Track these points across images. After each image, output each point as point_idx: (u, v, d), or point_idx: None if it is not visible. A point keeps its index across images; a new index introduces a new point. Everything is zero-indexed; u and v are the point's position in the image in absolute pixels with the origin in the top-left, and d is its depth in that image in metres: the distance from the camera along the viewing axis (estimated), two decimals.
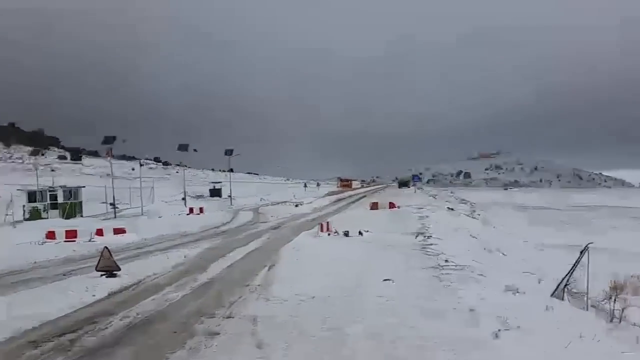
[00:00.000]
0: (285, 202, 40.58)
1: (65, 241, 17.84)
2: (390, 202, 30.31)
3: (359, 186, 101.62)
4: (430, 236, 16.07)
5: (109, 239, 17.84)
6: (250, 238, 18.21)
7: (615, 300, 8.58)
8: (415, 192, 57.23)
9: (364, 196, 55.43)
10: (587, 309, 8.63)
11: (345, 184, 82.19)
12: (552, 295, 9.01)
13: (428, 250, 13.59)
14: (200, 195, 57.67)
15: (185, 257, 14.00)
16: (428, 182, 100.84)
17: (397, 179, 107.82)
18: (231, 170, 67.22)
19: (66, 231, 18.44)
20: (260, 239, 18.03)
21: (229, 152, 48.19)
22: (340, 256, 12.74)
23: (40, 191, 28.48)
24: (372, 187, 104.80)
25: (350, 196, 55.47)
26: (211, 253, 14.80)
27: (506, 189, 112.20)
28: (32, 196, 28.15)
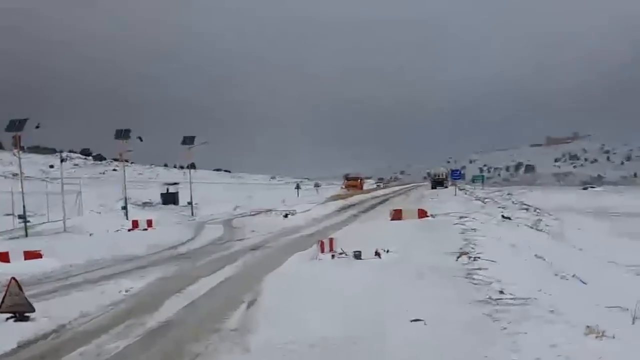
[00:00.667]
0: (271, 210, 40.66)
1: None
2: (420, 210, 30.44)
3: (374, 186, 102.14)
4: (478, 257, 16.11)
5: (18, 267, 17.80)
6: (220, 263, 18.27)
7: None
8: (455, 193, 57.38)
9: (384, 201, 55.59)
10: None
11: (353, 183, 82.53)
12: None
13: (475, 276, 13.61)
14: (149, 203, 57.81)
15: (127, 291, 14.02)
16: (474, 179, 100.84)
17: (429, 175, 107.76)
18: (192, 167, 67.31)
19: None
20: (235, 264, 18.10)
21: (188, 141, 48.23)
22: (348, 288, 12.75)
23: None
24: (396, 188, 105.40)
25: (362, 202, 55.60)
26: (164, 285, 14.82)
27: (586, 188, 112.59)
28: None
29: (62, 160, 54.90)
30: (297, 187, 74.19)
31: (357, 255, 17.13)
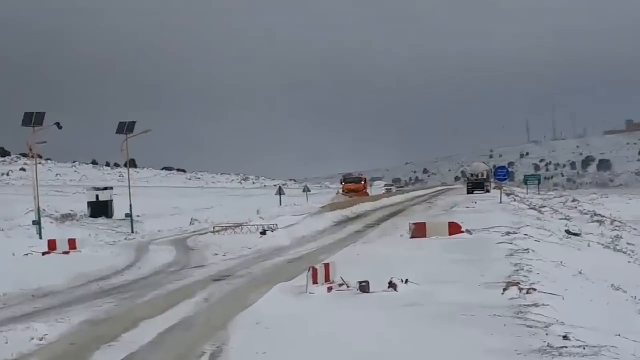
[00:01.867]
0: (243, 225, 40.55)
1: None
2: (451, 223, 30.40)
3: (383, 191, 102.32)
4: (533, 289, 16.07)
5: None
6: (171, 300, 18.18)
7: None
8: (500, 200, 57.48)
9: (400, 211, 55.56)
10: None
11: (354, 186, 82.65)
12: None
13: (529, 316, 13.55)
14: (71, 215, 57.62)
15: (41, 339, 13.91)
16: (527, 180, 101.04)
17: (464, 175, 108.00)
18: (131, 165, 67.18)
19: None
20: (192, 300, 18.01)
21: (127, 129, 48.08)
22: (354, 339, 12.65)
23: None
24: (418, 193, 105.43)
25: (369, 212, 55.64)
26: (93, 331, 14.71)
27: None
28: None
29: None
30: (280, 193, 73.96)
31: (364, 288, 17.05)
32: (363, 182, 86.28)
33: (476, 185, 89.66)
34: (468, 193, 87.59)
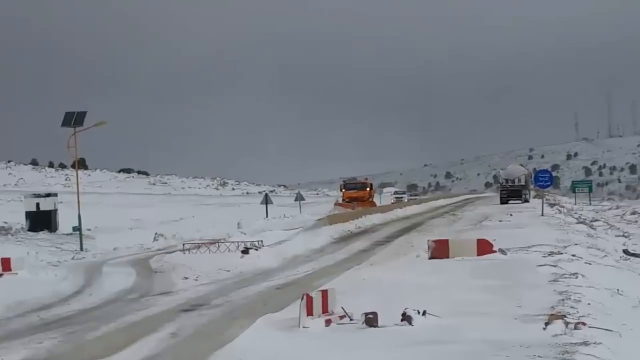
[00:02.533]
0: (219, 241, 40.48)
1: None
2: (480, 241, 30.34)
3: (393, 201, 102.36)
4: (582, 323, 16.04)
5: None
6: (128, 335, 18.14)
7: None
8: (542, 212, 57.47)
9: (416, 225, 55.51)
10: None
11: (356, 194, 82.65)
12: None
13: (577, 357, 13.52)
14: (4, 229, 57.52)
15: None
16: (575, 187, 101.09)
17: (497, 181, 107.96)
18: (81, 166, 67.04)
19: None
20: (155, 335, 18.00)
21: (75, 121, 48.02)
22: None
23: None
24: (439, 203, 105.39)
25: (376, 226, 55.63)
26: None
27: None
28: None
29: None
30: (266, 202, 73.96)
31: (371, 321, 16.96)
32: (368, 189, 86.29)
33: (512, 193, 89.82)
34: (502, 203, 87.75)
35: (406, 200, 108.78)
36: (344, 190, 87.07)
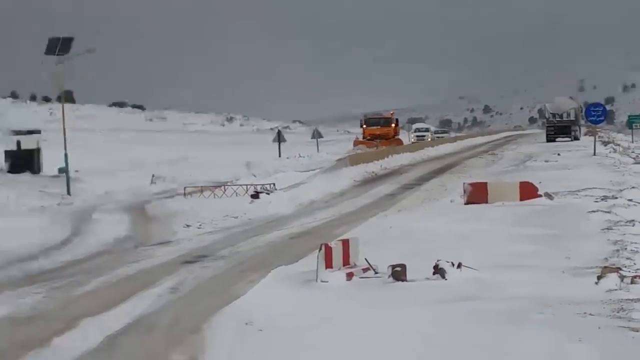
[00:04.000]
0: (225, 184, 40.56)
1: None
2: (524, 184, 30.33)
3: (413, 140, 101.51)
4: (639, 277, 16.00)
5: None
6: (121, 290, 18.27)
7: None
8: (594, 151, 57.30)
9: (449, 166, 55.44)
10: None
11: (379, 130, 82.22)
12: None
13: (634, 315, 13.50)
14: None
15: None
16: (632, 122, 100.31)
17: (542, 115, 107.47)
18: (68, 99, 67.07)
19: None
20: (153, 290, 18.10)
21: (60, 48, 47.92)
22: (381, 348, 12.57)
23: None
24: (476, 141, 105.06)
25: (404, 167, 55.62)
26: (11, 335, 14.77)
27: None
28: None
29: None
30: (279, 140, 73.94)
31: (399, 274, 16.98)
32: (393, 125, 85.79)
33: (559, 129, 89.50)
34: (548, 141, 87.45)
35: (429, 139, 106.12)
36: (365, 126, 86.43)
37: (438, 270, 17.11)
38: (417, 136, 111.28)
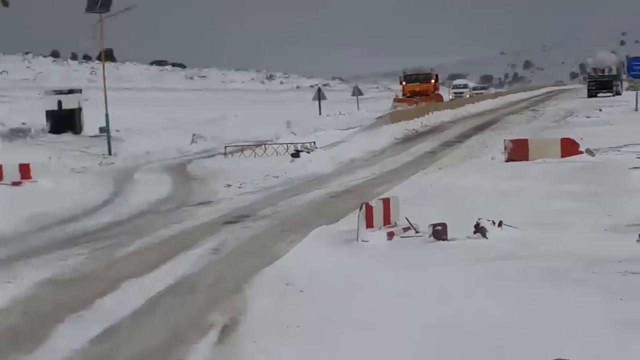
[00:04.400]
0: (266, 143, 40.59)
1: None
2: (565, 140, 30.20)
3: (451, 97, 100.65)
4: None
5: None
6: (163, 252, 18.42)
7: None
8: (637, 108, 56.87)
9: (490, 123, 55.24)
10: None
11: (419, 87, 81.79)
12: None
13: None
14: (22, 130, 58.15)
15: None
16: None
17: (584, 71, 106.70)
18: (109, 58, 67.16)
19: None
20: (194, 251, 18.22)
21: (101, 5, 47.92)
22: (424, 306, 12.54)
23: None
24: (517, 96, 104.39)
25: (444, 125, 55.46)
26: (53, 297, 14.87)
27: None
28: None
29: None
30: (319, 97, 73.84)
31: (440, 233, 16.98)
32: (433, 81, 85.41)
33: (601, 84, 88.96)
34: (589, 96, 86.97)
35: (467, 95, 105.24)
36: (404, 82, 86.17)
37: (479, 229, 17.10)
38: (455, 93, 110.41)
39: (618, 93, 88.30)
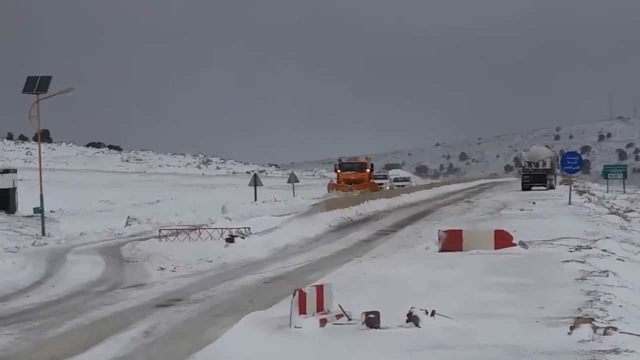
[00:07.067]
0: (200, 227, 40.51)
1: None
2: (498, 232, 30.39)
3: (386, 185, 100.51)
4: (613, 327, 16.06)
5: None
6: (94, 333, 18.21)
7: None
8: (569, 201, 57.59)
9: (425, 213, 55.57)
10: None
11: (354, 175, 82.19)
12: None
13: None
14: None
15: None
16: (607, 172, 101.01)
17: (519, 163, 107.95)
18: (45, 138, 66.94)
19: None
20: (126, 334, 18.04)
21: (38, 87, 47.92)
22: None
23: None
24: (452, 188, 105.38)
25: (379, 214, 55.71)
26: None
27: None
28: None
29: None
30: (255, 183, 74.00)
31: (372, 321, 16.95)
32: (368, 170, 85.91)
33: (535, 178, 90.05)
34: (524, 189, 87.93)
35: (387, 187, 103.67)
36: (339, 170, 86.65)
37: (412, 318, 17.11)
38: (379, 183, 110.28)
39: (552, 187, 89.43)
